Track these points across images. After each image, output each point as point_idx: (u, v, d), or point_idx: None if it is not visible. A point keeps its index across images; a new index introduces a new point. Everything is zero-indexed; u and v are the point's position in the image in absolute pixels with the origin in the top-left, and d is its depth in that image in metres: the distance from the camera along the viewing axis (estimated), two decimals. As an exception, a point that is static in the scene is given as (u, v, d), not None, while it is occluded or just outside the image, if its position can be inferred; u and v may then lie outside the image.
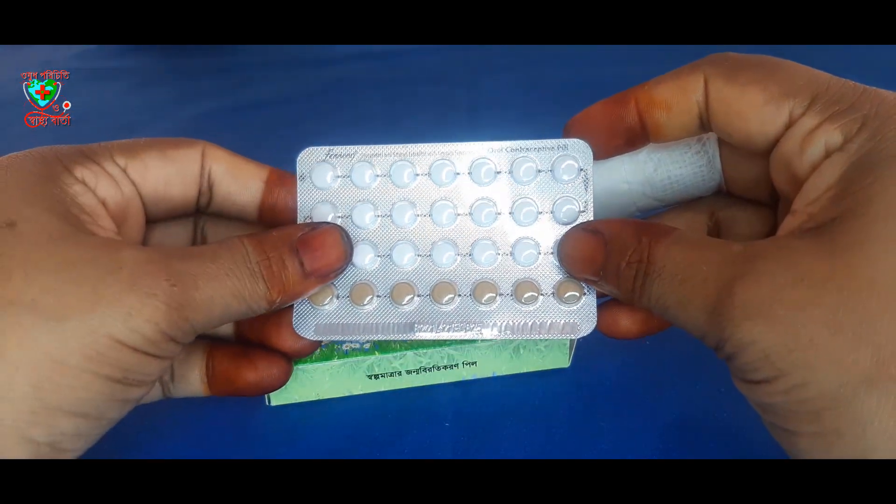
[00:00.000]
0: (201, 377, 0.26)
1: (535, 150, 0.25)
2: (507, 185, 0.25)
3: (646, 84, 0.24)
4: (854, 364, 0.17)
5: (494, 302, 0.25)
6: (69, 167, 0.23)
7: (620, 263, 0.22)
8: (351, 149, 0.26)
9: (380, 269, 0.26)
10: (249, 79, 0.70)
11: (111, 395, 0.21)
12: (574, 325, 0.25)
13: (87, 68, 0.73)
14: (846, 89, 0.21)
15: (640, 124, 0.24)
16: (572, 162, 0.25)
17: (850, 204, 0.19)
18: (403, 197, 0.26)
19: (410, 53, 0.71)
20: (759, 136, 0.22)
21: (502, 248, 0.25)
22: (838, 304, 0.18)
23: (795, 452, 0.20)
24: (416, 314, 0.25)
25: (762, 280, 0.19)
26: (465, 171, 0.25)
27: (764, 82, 0.21)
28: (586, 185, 0.25)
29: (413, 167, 0.25)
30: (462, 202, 0.26)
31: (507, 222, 0.25)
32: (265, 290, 0.23)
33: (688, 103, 0.23)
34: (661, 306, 0.21)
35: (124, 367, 0.20)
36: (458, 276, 0.25)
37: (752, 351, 0.19)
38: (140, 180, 0.24)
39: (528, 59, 0.67)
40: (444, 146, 0.26)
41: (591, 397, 0.32)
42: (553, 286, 0.25)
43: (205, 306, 0.22)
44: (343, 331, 0.25)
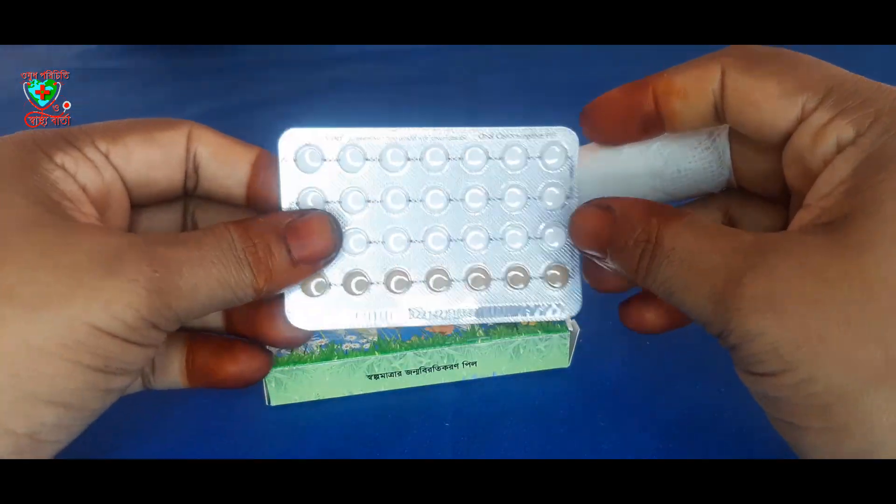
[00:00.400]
0: (181, 369, 0.26)
1: (525, 137, 0.26)
2: (497, 170, 0.26)
3: (664, 72, 0.24)
4: (864, 360, 0.18)
5: (487, 286, 0.26)
6: (49, 153, 0.22)
7: (628, 241, 0.22)
8: (338, 131, 0.25)
9: (373, 255, 0.25)
10: (249, 79, 0.70)
11: (93, 385, 0.20)
12: (561, 306, 0.26)
13: (87, 68, 0.73)
14: (860, 85, 0.21)
15: (656, 112, 0.24)
16: (560, 149, 0.26)
17: (861, 200, 0.19)
18: (395, 182, 0.25)
19: (410, 53, 0.71)
20: (772, 129, 0.22)
21: (493, 233, 0.26)
22: (849, 301, 0.18)
23: (801, 447, 0.20)
24: (410, 300, 0.26)
25: (773, 273, 0.19)
26: (457, 156, 0.26)
27: (780, 75, 0.22)
28: (571, 172, 0.26)
29: (404, 151, 0.25)
30: (453, 187, 0.26)
31: (498, 207, 0.26)
32: (251, 277, 0.22)
33: (704, 92, 0.23)
34: (665, 288, 0.21)
35: (105, 355, 0.20)
36: (451, 261, 0.26)
37: (760, 343, 0.19)
38: (123, 165, 0.24)
39: (528, 59, 0.67)
40: (435, 130, 0.25)
41: (591, 397, 0.32)
42: (541, 270, 0.26)
43: (188, 293, 0.21)
44: (336, 319, 0.25)
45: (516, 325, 0.33)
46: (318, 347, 0.31)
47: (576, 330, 0.33)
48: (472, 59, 0.70)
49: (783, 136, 0.22)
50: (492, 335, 0.32)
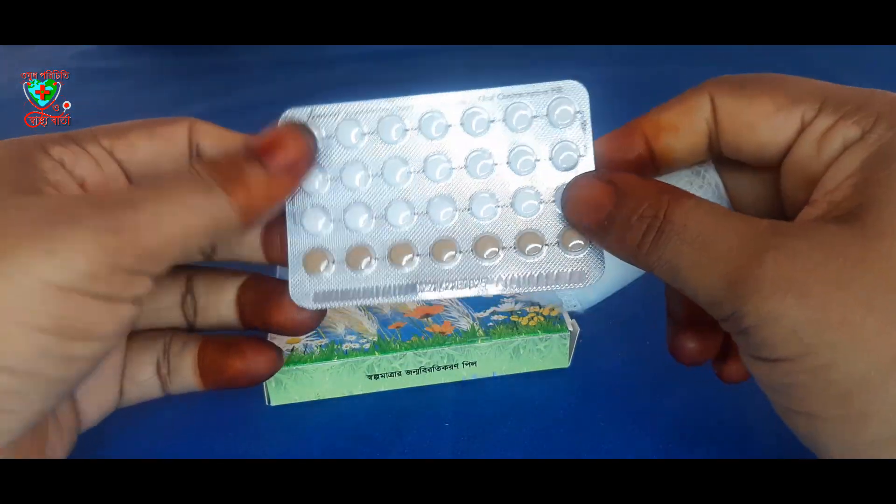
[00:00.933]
0: (194, 369, 0.26)
1: (528, 96, 0.24)
2: (501, 133, 0.24)
3: (650, 112, 0.24)
4: (886, 346, 0.17)
5: (497, 256, 0.24)
6: (46, 148, 0.22)
7: (632, 215, 0.21)
8: (335, 107, 0.25)
9: (375, 230, 0.25)
10: (249, 79, 0.70)
11: (45, 350, 0.19)
12: (582, 273, 0.24)
13: (87, 68, 0.73)
14: (852, 92, 0.21)
15: (648, 152, 0.24)
16: (567, 105, 0.24)
17: (875, 191, 0.19)
18: (394, 154, 0.25)
19: (411, 53, 0.71)
20: (771, 146, 0.22)
21: (502, 199, 0.24)
22: (873, 286, 0.18)
23: (816, 438, 0.19)
24: (417, 274, 0.24)
25: (797, 255, 0.18)
26: (457, 122, 0.25)
27: (771, 93, 0.22)
28: (584, 128, 0.24)
29: (402, 122, 0.24)
30: (456, 155, 0.25)
31: (505, 172, 0.24)
32: (225, 197, 0.21)
33: (695, 123, 0.23)
34: (671, 267, 0.20)
35: (58, 314, 0.18)
36: (458, 231, 0.25)
37: (779, 326, 0.18)
38: (126, 159, 0.24)
39: (529, 59, 0.67)
40: (432, 97, 0.24)
41: (591, 397, 0.32)
42: (557, 235, 0.24)
43: (151, 226, 0.20)
44: (343, 296, 0.24)
45: (516, 325, 0.33)
46: (318, 347, 0.32)
47: (576, 330, 0.33)
48: (472, 59, 0.70)
49: (782, 151, 0.22)
50: (492, 335, 0.32)
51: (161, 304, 0.26)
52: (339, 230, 0.24)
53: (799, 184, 0.22)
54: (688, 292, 0.21)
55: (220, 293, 0.26)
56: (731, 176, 0.25)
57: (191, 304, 0.26)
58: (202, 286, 0.26)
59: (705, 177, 0.25)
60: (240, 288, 0.26)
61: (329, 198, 0.24)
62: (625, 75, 0.63)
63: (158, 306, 0.26)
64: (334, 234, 0.24)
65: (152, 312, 0.26)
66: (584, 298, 0.31)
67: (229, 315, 0.27)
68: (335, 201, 0.24)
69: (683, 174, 0.25)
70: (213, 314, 0.26)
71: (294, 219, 0.24)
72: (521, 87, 0.24)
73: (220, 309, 0.26)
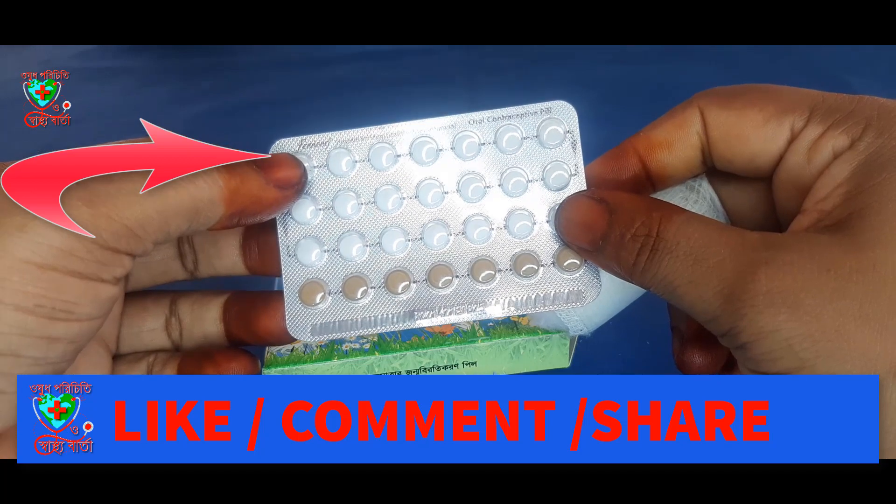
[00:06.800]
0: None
1: (517, 117, 0.25)
2: (492, 156, 0.25)
3: (641, 130, 0.24)
4: (881, 355, 0.17)
5: (494, 279, 0.24)
6: None
7: (625, 234, 0.21)
8: (325, 136, 0.24)
9: (370, 258, 0.25)
10: (249, 79, 0.70)
11: (23, 329, 0.18)
12: (579, 292, 0.24)
13: (87, 68, 0.73)
14: (840, 100, 0.21)
15: (643, 171, 0.24)
16: (557, 126, 0.24)
17: (865, 200, 0.19)
18: (386, 180, 0.25)
19: (410, 53, 0.71)
20: (763, 156, 0.22)
21: (495, 222, 0.25)
22: (865, 296, 0.18)
23: None
24: (414, 301, 0.24)
25: (788, 268, 0.18)
26: (448, 146, 0.25)
27: (760, 103, 0.22)
28: (574, 147, 0.24)
29: (393, 148, 0.24)
30: (448, 179, 0.25)
31: (498, 195, 0.25)
32: (217, 177, 0.21)
33: (688, 137, 0.23)
34: (666, 284, 0.20)
35: (35, 292, 0.18)
36: (453, 256, 0.25)
37: (774, 339, 0.18)
38: None
39: (528, 59, 0.67)
40: (422, 123, 0.25)
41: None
42: (552, 255, 0.24)
43: (129, 197, 0.19)
44: (341, 328, 0.24)
45: (516, 325, 0.33)
46: (318, 347, 0.32)
47: (576, 330, 0.33)
48: (472, 59, 0.70)
49: (774, 161, 0.22)
50: (492, 335, 0.32)
51: (145, 326, 0.26)
52: (333, 260, 0.24)
53: (791, 193, 0.22)
54: (685, 309, 0.21)
55: (204, 310, 0.26)
56: (726, 188, 0.25)
57: (175, 325, 0.26)
58: (186, 306, 0.26)
59: (699, 191, 0.25)
60: (224, 303, 0.26)
61: (322, 228, 0.24)
62: (625, 75, 0.63)
63: (142, 329, 0.26)
64: (329, 264, 0.24)
65: (135, 336, 0.26)
66: (589, 321, 0.31)
67: (215, 331, 0.27)
68: (328, 231, 0.24)
69: (678, 190, 0.25)
70: (198, 332, 0.26)
71: (288, 251, 0.24)
72: (510, 108, 0.25)
73: (206, 325, 0.26)
